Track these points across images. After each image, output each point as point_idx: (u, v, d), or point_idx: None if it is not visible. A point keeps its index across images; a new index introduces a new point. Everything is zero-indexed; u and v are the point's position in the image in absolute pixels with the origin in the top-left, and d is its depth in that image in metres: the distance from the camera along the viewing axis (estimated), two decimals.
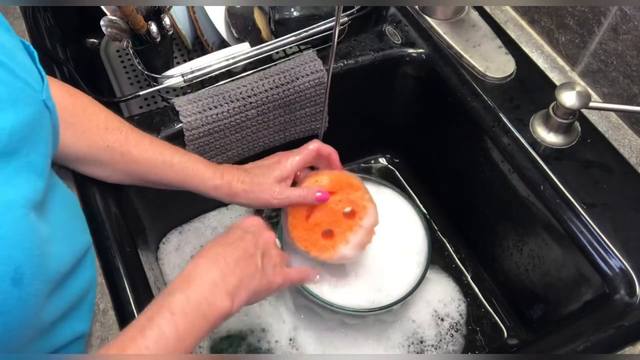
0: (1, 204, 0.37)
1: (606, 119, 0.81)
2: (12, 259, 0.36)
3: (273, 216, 1.02)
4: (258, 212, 1.02)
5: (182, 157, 0.68)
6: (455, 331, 0.89)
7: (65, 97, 0.65)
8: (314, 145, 0.73)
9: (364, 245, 0.76)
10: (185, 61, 0.95)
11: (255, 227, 0.66)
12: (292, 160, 0.72)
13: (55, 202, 0.48)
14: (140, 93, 0.83)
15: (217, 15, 0.92)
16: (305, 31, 0.87)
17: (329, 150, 0.75)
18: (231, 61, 0.84)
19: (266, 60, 0.91)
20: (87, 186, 0.71)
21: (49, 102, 0.46)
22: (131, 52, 0.85)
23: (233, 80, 0.84)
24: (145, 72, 0.84)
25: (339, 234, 0.74)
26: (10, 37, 0.45)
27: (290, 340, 0.86)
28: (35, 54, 0.49)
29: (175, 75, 0.83)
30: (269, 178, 0.70)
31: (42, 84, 0.45)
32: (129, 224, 0.74)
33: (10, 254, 0.36)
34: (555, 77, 0.85)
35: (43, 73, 0.46)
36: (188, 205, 0.95)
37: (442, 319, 0.89)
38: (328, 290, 0.79)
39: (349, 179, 0.76)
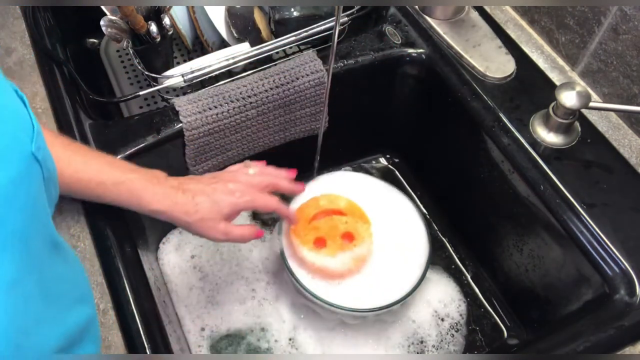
0: None
1: (606, 119, 0.81)
2: None
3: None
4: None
5: (121, 177, 0.66)
6: (456, 331, 0.89)
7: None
8: (275, 206, 0.73)
9: (347, 268, 0.79)
10: (185, 61, 0.95)
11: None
12: (247, 201, 0.70)
13: (49, 276, 0.43)
14: (140, 93, 0.83)
15: (217, 15, 0.92)
16: (305, 31, 0.87)
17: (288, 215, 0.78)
18: (231, 61, 0.84)
19: (266, 60, 0.91)
20: None
21: (40, 153, 0.39)
22: (131, 52, 0.85)
23: (233, 80, 0.84)
24: (145, 72, 0.84)
25: (330, 246, 0.80)
26: None
27: (290, 340, 0.86)
28: (25, 99, 0.41)
29: (175, 75, 0.83)
30: (217, 216, 0.68)
31: (33, 131, 0.38)
32: (129, 224, 0.74)
33: None
34: (555, 77, 0.85)
35: (34, 120, 0.39)
36: None
37: (443, 319, 0.89)
38: (328, 290, 0.79)
39: (363, 213, 0.83)
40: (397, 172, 1.08)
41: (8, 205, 0.35)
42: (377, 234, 0.83)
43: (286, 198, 0.88)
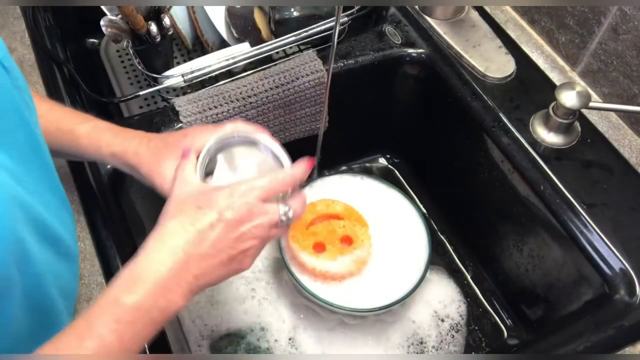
0: None
1: (606, 119, 0.81)
2: None
3: None
4: None
5: (84, 125, 0.60)
6: (456, 332, 0.89)
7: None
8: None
9: (348, 271, 0.80)
10: (185, 61, 0.95)
11: (237, 212, 0.49)
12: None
13: (34, 180, 0.46)
14: (140, 93, 0.83)
15: (217, 15, 0.92)
16: (305, 31, 0.87)
17: None
18: (231, 61, 0.84)
19: (266, 60, 0.91)
20: (87, 186, 0.71)
21: (6, 61, 0.42)
22: (131, 52, 0.85)
23: (233, 80, 0.84)
24: (145, 72, 0.84)
25: (330, 250, 0.80)
26: None
27: (290, 339, 0.86)
28: None
29: (175, 75, 0.83)
30: (167, 163, 0.57)
31: None
32: (129, 224, 0.74)
33: None
34: (555, 77, 0.85)
35: None
36: None
37: (443, 320, 0.89)
38: (328, 290, 0.79)
39: (360, 216, 0.83)
40: (397, 172, 1.08)
41: None
42: (376, 234, 0.83)
43: None
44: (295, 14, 0.91)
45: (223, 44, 0.96)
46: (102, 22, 0.84)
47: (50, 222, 0.48)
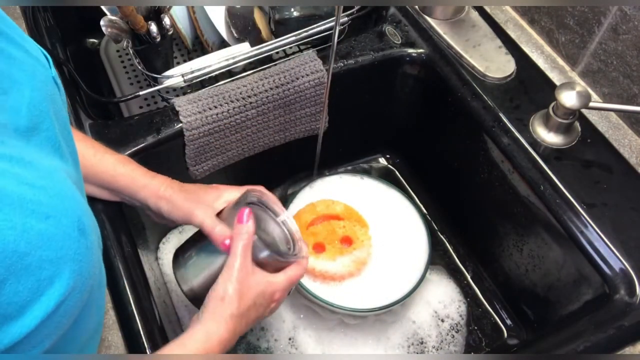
0: (45, 167, 0.38)
1: (606, 119, 0.81)
2: (73, 210, 0.37)
3: None
4: None
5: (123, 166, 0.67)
6: (456, 332, 0.89)
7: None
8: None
9: (348, 271, 0.80)
10: (185, 61, 0.95)
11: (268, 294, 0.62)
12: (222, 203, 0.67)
13: (82, 190, 0.48)
14: (140, 93, 0.83)
15: (217, 15, 0.92)
16: (305, 31, 0.87)
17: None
18: (231, 61, 0.84)
19: (266, 60, 0.91)
20: None
21: (57, 79, 0.46)
22: (131, 52, 0.85)
23: (233, 80, 0.84)
24: (145, 72, 0.84)
25: (330, 251, 0.80)
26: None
27: (290, 339, 0.86)
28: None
29: (175, 75, 0.83)
30: (201, 199, 0.67)
31: (48, 62, 0.46)
32: (129, 224, 0.74)
33: (71, 206, 0.37)
34: (555, 77, 0.85)
35: (45, 53, 0.46)
36: None
37: (443, 320, 0.89)
38: (328, 290, 0.79)
39: (360, 216, 0.84)
40: (397, 172, 1.08)
41: (43, 116, 0.40)
42: (376, 234, 0.83)
43: (284, 202, 0.88)
44: (295, 14, 0.91)
45: (223, 44, 0.96)
46: (102, 22, 0.84)
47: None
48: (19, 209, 0.32)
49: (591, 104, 0.73)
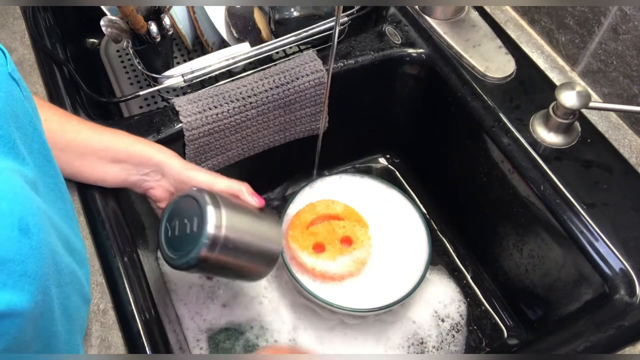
0: None
1: (606, 119, 0.81)
2: (12, 211, 0.36)
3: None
4: None
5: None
6: (457, 332, 0.89)
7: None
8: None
9: (348, 271, 0.80)
10: (185, 61, 0.95)
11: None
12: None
13: (48, 189, 0.47)
14: (140, 93, 0.83)
15: (217, 15, 0.92)
16: (305, 31, 0.87)
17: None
18: (231, 61, 0.84)
19: (266, 60, 0.91)
20: (87, 186, 0.71)
21: (15, 74, 0.45)
22: (131, 52, 0.85)
23: (233, 80, 0.84)
24: (145, 72, 0.84)
25: (329, 251, 0.80)
26: None
27: (290, 340, 0.86)
28: None
29: (175, 75, 0.83)
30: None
31: (5, 57, 0.44)
32: (129, 224, 0.74)
33: (10, 207, 0.36)
34: (555, 77, 0.85)
35: (2, 47, 0.45)
36: None
37: (443, 320, 0.89)
38: (328, 290, 0.79)
39: (360, 216, 0.84)
40: (397, 172, 1.08)
41: (3, 117, 0.39)
42: (376, 234, 0.83)
43: (284, 202, 0.88)
44: (295, 14, 0.91)
45: (223, 44, 0.96)
46: (102, 22, 0.84)
47: (66, 231, 0.49)
48: None
49: (591, 104, 0.73)
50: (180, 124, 0.78)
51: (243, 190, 0.68)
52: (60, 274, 0.44)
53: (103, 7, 0.84)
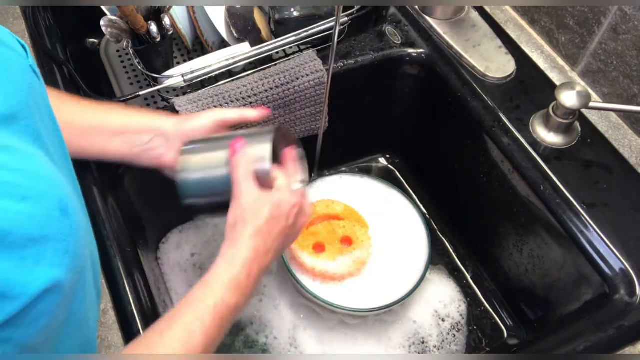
0: (24, 151, 0.38)
1: (606, 119, 0.81)
2: (53, 193, 0.38)
3: None
4: None
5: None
6: (457, 331, 0.89)
7: None
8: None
9: (347, 271, 0.80)
10: (185, 61, 0.95)
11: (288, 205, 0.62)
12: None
13: (68, 181, 0.48)
14: (140, 93, 0.83)
15: (217, 15, 0.92)
16: (305, 31, 0.87)
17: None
18: (231, 61, 0.84)
19: (266, 60, 0.91)
20: (87, 186, 0.71)
21: (35, 68, 0.46)
22: (131, 52, 0.85)
23: (233, 80, 0.84)
24: (145, 72, 0.84)
25: (330, 251, 0.80)
26: None
27: (290, 339, 0.86)
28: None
29: (175, 75, 0.83)
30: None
31: (25, 51, 0.46)
32: (129, 224, 0.74)
33: (51, 189, 0.38)
34: (555, 77, 0.85)
35: (22, 42, 0.47)
36: None
37: (443, 320, 0.89)
38: (328, 290, 0.79)
39: (360, 216, 0.84)
40: (397, 172, 1.08)
41: (22, 105, 0.40)
42: (376, 234, 0.83)
43: None
44: (295, 14, 0.91)
45: (223, 44, 0.96)
46: (102, 22, 0.84)
47: (86, 223, 0.50)
48: None
49: (591, 104, 0.73)
50: None
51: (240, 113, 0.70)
52: (93, 257, 0.46)
53: (103, 7, 0.84)
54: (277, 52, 0.95)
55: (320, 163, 0.88)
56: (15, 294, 0.33)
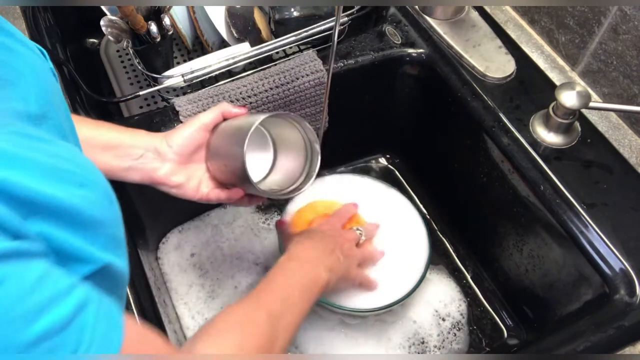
0: (63, 145, 0.40)
1: (606, 119, 0.81)
2: (100, 181, 0.40)
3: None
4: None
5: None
6: (458, 330, 0.89)
7: None
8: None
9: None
10: (185, 61, 0.95)
11: (333, 230, 0.75)
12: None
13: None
14: (140, 93, 0.83)
15: (217, 15, 0.92)
16: (305, 31, 0.87)
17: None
18: (231, 61, 0.84)
19: (266, 60, 0.91)
20: None
21: (54, 71, 0.49)
22: (131, 52, 0.85)
23: (233, 80, 0.84)
24: (145, 72, 0.84)
25: None
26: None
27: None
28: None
29: (175, 75, 0.83)
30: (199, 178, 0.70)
31: (44, 55, 0.48)
32: (129, 224, 0.73)
33: (99, 179, 0.40)
34: (555, 77, 0.85)
35: (39, 46, 0.49)
36: (189, 203, 0.95)
37: (443, 319, 0.89)
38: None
39: (360, 216, 0.84)
40: (397, 172, 1.08)
41: (49, 104, 0.42)
42: (376, 234, 0.83)
43: (284, 202, 0.88)
44: (295, 14, 0.91)
45: (223, 44, 0.96)
46: (102, 22, 0.84)
47: None
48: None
49: (591, 104, 0.72)
50: (180, 124, 0.78)
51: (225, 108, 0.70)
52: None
53: (103, 7, 0.84)
54: (277, 52, 0.95)
55: (320, 163, 0.88)
56: (88, 259, 0.36)
